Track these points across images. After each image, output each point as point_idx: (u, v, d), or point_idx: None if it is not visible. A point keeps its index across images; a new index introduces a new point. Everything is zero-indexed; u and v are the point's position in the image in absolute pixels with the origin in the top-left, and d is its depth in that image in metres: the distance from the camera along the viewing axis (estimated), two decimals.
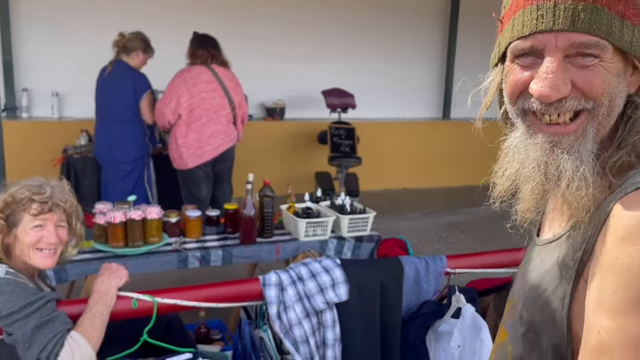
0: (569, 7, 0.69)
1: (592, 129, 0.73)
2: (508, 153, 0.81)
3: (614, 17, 0.69)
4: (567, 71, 0.71)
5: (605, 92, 0.71)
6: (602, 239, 0.70)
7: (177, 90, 3.61)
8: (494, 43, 0.87)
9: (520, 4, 0.74)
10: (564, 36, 0.69)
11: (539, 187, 0.76)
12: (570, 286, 0.74)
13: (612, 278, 0.67)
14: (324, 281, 1.76)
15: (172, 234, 2.50)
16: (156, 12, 5.87)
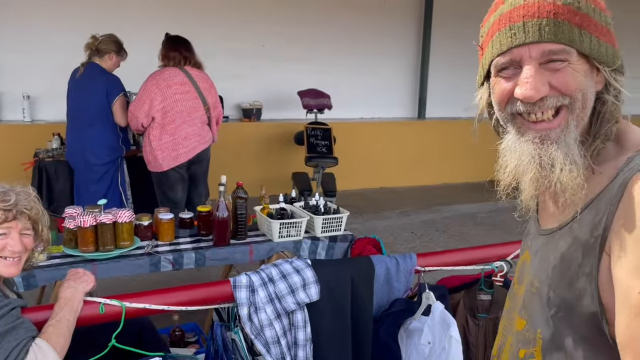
0: (535, 23, 0.84)
1: (573, 121, 0.87)
2: (505, 153, 0.94)
3: (573, 28, 0.84)
4: (543, 75, 0.85)
5: (577, 88, 0.85)
6: (622, 214, 0.81)
7: (150, 92, 3.58)
8: (466, 45, 1.06)
9: (495, 29, 0.90)
10: (536, 47, 0.85)
11: (536, 176, 0.88)
12: (596, 260, 0.85)
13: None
14: (294, 282, 1.77)
15: (144, 238, 2.48)
16: (129, 13, 5.82)
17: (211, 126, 3.90)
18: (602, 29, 0.87)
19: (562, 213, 0.94)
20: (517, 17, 0.86)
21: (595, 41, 0.86)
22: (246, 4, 6.35)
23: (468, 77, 6.17)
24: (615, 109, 0.89)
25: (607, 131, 0.88)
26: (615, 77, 0.88)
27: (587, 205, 0.88)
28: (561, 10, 0.84)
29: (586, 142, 0.89)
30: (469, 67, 7.75)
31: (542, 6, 0.84)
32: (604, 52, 0.87)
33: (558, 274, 0.91)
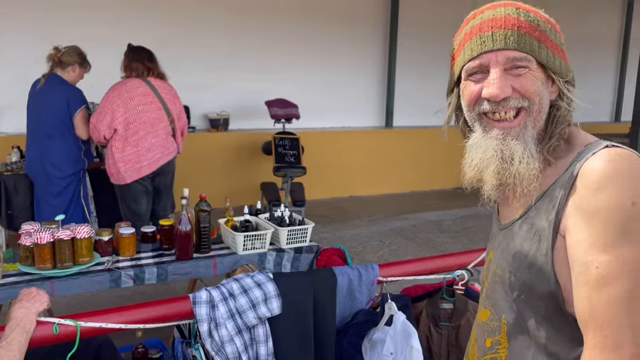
0: (502, 33, 0.98)
1: (531, 122, 0.99)
2: (471, 149, 1.05)
3: (533, 40, 0.98)
4: (507, 79, 0.98)
5: (535, 92, 0.98)
6: (574, 197, 0.92)
7: (112, 104, 3.53)
8: (432, 55, 1.18)
9: (467, 39, 1.03)
10: (502, 53, 0.98)
11: (498, 168, 0.99)
12: (550, 242, 0.95)
13: (596, 221, 0.86)
14: (255, 296, 1.76)
15: (105, 253, 2.43)
16: (92, 23, 5.73)
17: (176, 137, 3.86)
18: (556, 46, 1.01)
19: (520, 206, 1.05)
20: (486, 28, 0.99)
21: (551, 54, 0.99)
22: (211, 14, 6.33)
23: (433, 87, 6.36)
24: (568, 114, 1.01)
25: (561, 131, 1.00)
26: (567, 87, 1.01)
27: (542, 195, 0.99)
28: (524, 24, 0.98)
29: (543, 140, 1.01)
30: (435, 77, 7.96)
31: (507, 20, 0.98)
32: (558, 64, 1.00)
33: (518, 259, 1.01)
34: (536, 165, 0.97)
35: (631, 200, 0.84)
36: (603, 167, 0.89)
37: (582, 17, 8.93)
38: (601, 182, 0.88)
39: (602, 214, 0.86)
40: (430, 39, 7.71)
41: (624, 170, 0.87)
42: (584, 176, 0.91)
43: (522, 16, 0.99)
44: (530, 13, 1.00)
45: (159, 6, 6.03)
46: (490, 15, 1.00)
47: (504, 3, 1.02)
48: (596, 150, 0.93)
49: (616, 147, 0.92)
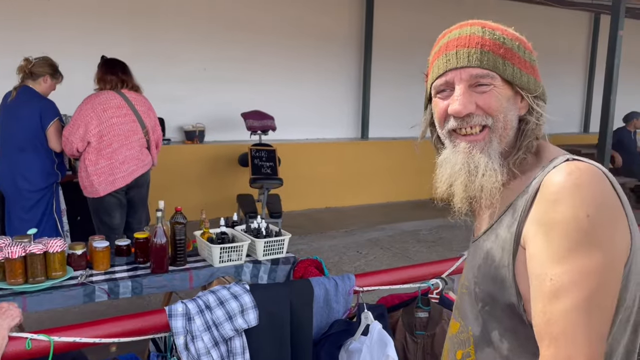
0: (465, 51, 1.01)
1: (496, 138, 1.01)
2: (442, 164, 1.08)
3: (497, 58, 1.00)
4: (472, 96, 1.00)
5: (499, 110, 1.00)
6: (534, 209, 0.93)
7: (85, 116, 3.49)
8: (406, 68, 1.24)
9: (435, 57, 1.07)
10: (465, 71, 1.00)
11: (465, 181, 1.02)
12: (512, 253, 0.96)
13: (552, 234, 0.88)
14: (232, 308, 1.76)
15: (78, 267, 2.40)
16: (65, 33, 5.67)
17: (150, 150, 3.84)
18: (524, 62, 1.02)
19: (488, 218, 1.08)
20: (452, 46, 1.02)
21: (517, 71, 1.01)
22: (186, 26, 6.33)
23: (408, 99, 6.46)
24: (536, 128, 1.03)
25: (528, 144, 1.02)
26: (537, 102, 1.03)
27: (507, 208, 1.02)
28: (488, 42, 1.00)
29: (510, 154, 1.03)
30: (409, 89, 8.03)
31: (472, 39, 1.01)
32: (525, 80, 1.01)
33: (482, 271, 1.03)
34: (499, 178, 0.99)
35: (586, 212, 0.86)
36: (562, 180, 0.90)
37: (552, 32, 9.19)
38: (559, 195, 0.89)
39: (558, 226, 0.87)
40: (404, 52, 7.84)
41: (581, 183, 0.88)
42: (544, 189, 0.93)
43: (487, 35, 1.01)
44: (496, 31, 1.02)
45: (133, 18, 6.00)
46: (456, 35, 1.03)
47: (472, 22, 1.05)
48: (557, 163, 0.95)
49: (577, 161, 0.94)
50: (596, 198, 0.87)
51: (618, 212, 0.89)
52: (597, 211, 0.86)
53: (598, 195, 0.88)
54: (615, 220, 0.88)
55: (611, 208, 0.89)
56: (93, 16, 5.81)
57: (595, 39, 10.09)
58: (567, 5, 8.43)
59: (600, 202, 0.87)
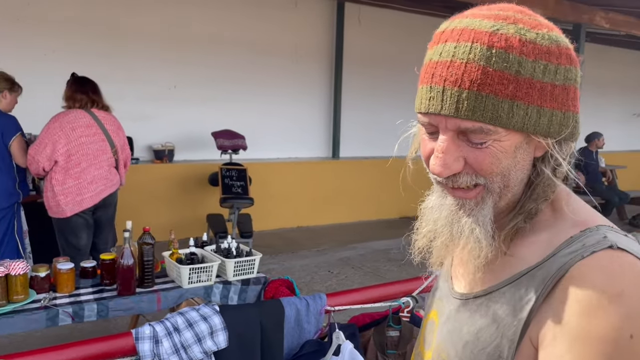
0: (454, 93, 0.72)
1: (491, 199, 0.77)
2: (426, 212, 0.86)
3: (501, 102, 0.71)
4: (461, 149, 0.75)
5: (494, 171, 0.75)
6: (560, 304, 0.71)
7: (53, 135, 3.42)
8: (376, 87, 0.92)
9: (422, 79, 0.78)
10: (452, 121, 0.73)
11: (446, 243, 0.81)
12: (515, 345, 0.75)
13: (583, 349, 0.68)
14: (201, 330, 1.72)
15: (41, 290, 2.33)
16: (29, 53, 5.57)
17: (119, 169, 3.78)
18: (551, 92, 0.73)
19: (482, 280, 0.83)
20: (439, 78, 0.74)
21: (533, 112, 0.73)
22: (156, 44, 6.29)
23: (379, 118, 6.54)
24: (550, 185, 0.79)
25: (531, 209, 0.79)
26: (557, 148, 0.77)
27: (515, 280, 0.78)
28: (489, 80, 0.71)
29: (509, 214, 0.81)
30: (380, 109, 8.14)
31: (467, 72, 0.71)
32: (545, 122, 0.74)
33: (470, 354, 0.82)
34: (483, 253, 0.78)
35: (629, 332, 0.67)
36: (602, 282, 0.69)
37: None
38: (596, 302, 0.69)
39: (592, 342, 0.68)
40: (375, 71, 7.96)
41: (625, 292, 0.68)
42: (576, 284, 0.71)
43: (493, 61, 0.71)
44: (510, 52, 0.71)
45: (101, 36, 5.94)
46: (449, 55, 0.74)
47: (475, 32, 0.73)
48: (597, 249, 0.72)
49: (622, 252, 0.72)
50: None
51: None
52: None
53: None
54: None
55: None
56: (60, 33, 5.73)
57: None
58: None
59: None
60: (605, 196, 7.83)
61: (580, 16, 5.71)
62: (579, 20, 5.76)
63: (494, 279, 0.81)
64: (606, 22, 5.94)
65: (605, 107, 11.05)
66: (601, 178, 8.19)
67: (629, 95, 11.69)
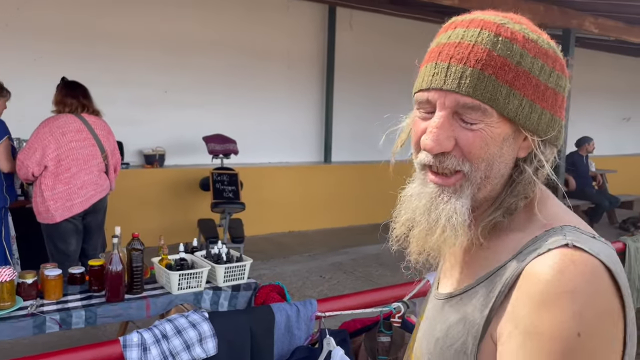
0: (458, 69, 0.76)
1: (469, 189, 0.79)
2: (405, 200, 0.86)
3: (500, 86, 0.75)
4: (453, 128, 0.77)
5: (481, 157, 0.77)
6: (515, 300, 0.73)
7: (43, 140, 3.39)
8: (368, 91, 0.92)
9: (427, 59, 0.82)
10: (451, 96, 0.76)
11: (423, 232, 0.82)
12: (477, 341, 0.77)
13: (533, 345, 0.69)
14: (190, 337, 1.71)
15: (28, 297, 2.29)
16: (17, 57, 5.52)
17: (109, 174, 3.75)
18: (544, 91, 0.78)
19: (459, 280, 0.87)
20: (446, 55, 0.77)
21: (527, 105, 0.76)
22: (146, 49, 6.27)
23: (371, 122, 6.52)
24: (530, 184, 0.80)
25: (511, 205, 0.81)
26: (542, 150, 0.80)
27: (485, 279, 0.81)
28: (493, 62, 0.75)
29: (488, 209, 0.82)
30: (372, 113, 8.16)
31: (474, 52, 0.76)
32: (535, 119, 0.77)
33: (439, 350, 0.84)
34: (458, 241, 0.79)
35: (577, 329, 0.68)
36: (552, 278, 0.70)
37: None
38: (546, 298, 0.70)
39: (541, 338, 0.69)
40: (366, 76, 7.98)
41: (575, 288, 0.69)
42: (529, 281, 0.72)
43: (498, 47, 0.75)
44: (515, 43, 0.76)
45: (92, 40, 5.91)
46: (458, 38, 0.78)
47: (484, 21, 0.78)
48: (552, 246, 0.73)
49: (576, 249, 0.72)
50: (591, 310, 0.69)
51: (616, 324, 0.71)
52: (590, 328, 0.68)
53: (594, 306, 0.69)
54: (610, 336, 0.70)
55: (608, 321, 0.70)
56: (50, 38, 5.69)
57: None
58: None
59: (596, 315, 0.69)
60: (595, 200, 7.88)
61: (569, 21, 5.75)
62: (568, 25, 5.80)
63: (470, 278, 0.83)
64: (595, 28, 5.99)
65: (595, 111, 11.14)
66: (591, 182, 8.24)
67: (618, 100, 11.79)
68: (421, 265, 0.90)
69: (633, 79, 11.82)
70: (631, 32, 6.36)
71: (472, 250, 0.83)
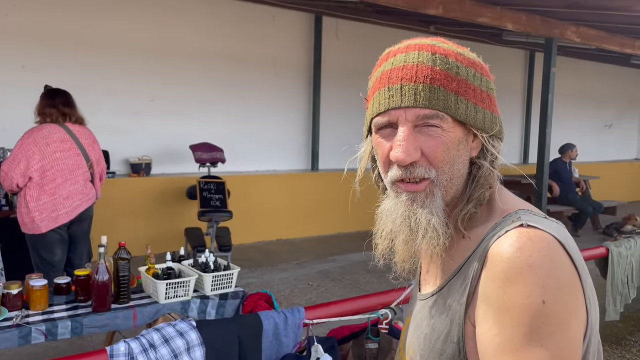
0: (411, 88, 0.85)
1: (439, 191, 0.87)
2: (382, 216, 0.93)
3: (449, 94, 0.85)
4: (417, 139, 0.86)
5: (445, 161, 0.86)
6: (484, 281, 0.81)
7: (27, 151, 3.36)
8: (354, 99, 1.04)
9: (377, 87, 0.91)
10: (411, 111, 0.85)
11: (406, 239, 0.88)
12: (462, 328, 0.84)
13: (505, 319, 0.76)
14: (177, 346, 1.70)
15: (13, 308, 2.27)
16: (6, 61, 5.48)
17: (94, 182, 3.73)
18: (481, 94, 0.89)
19: (437, 277, 0.94)
20: (395, 78, 0.87)
21: (472, 108, 0.87)
22: (132, 57, 6.26)
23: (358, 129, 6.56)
24: (490, 175, 0.90)
25: (480, 196, 0.89)
26: (492, 143, 0.90)
27: (457, 271, 0.88)
28: (438, 75, 0.85)
29: (457, 205, 0.90)
30: (359, 121, 8.16)
31: (420, 70, 0.85)
32: (480, 118, 0.88)
33: (428, 344, 0.90)
34: (441, 241, 0.86)
35: (541, 298, 0.75)
36: (512, 255, 0.78)
37: (492, 69, 9.63)
38: (509, 274, 0.77)
39: (510, 311, 0.76)
40: (353, 84, 8.02)
41: (534, 262, 0.76)
42: (492, 262, 0.80)
43: (437, 64, 0.86)
44: (449, 58, 0.87)
45: (77, 49, 5.88)
46: (401, 62, 0.88)
47: (419, 45, 0.89)
48: (509, 228, 0.82)
49: (530, 228, 0.81)
50: (552, 279, 0.76)
51: (576, 290, 0.78)
52: (553, 296, 0.75)
53: (554, 276, 0.76)
54: (572, 301, 0.77)
55: (568, 287, 0.77)
56: (35, 46, 5.66)
57: (531, 75, 10.66)
58: (504, 44, 8.89)
59: (556, 284, 0.76)
60: (579, 206, 7.98)
61: (551, 30, 5.85)
62: (550, 34, 5.90)
63: (447, 274, 0.91)
64: (577, 37, 6.10)
65: (577, 118, 11.31)
66: (575, 188, 8.35)
67: (600, 107, 11.99)
68: (407, 272, 0.95)
69: (614, 86, 12.04)
70: (612, 41, 6.48)
71: (430, 250, 0.88)
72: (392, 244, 0.91)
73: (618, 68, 11.46)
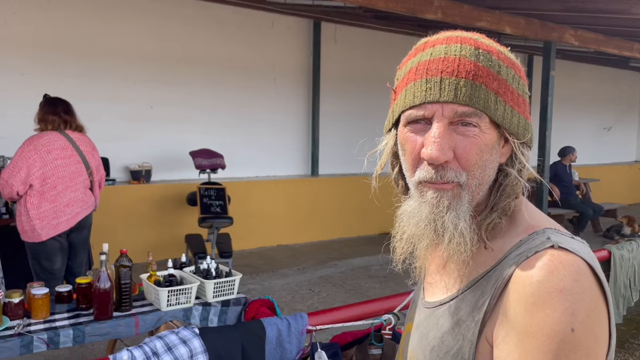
0: (452, 82, 0.79)
1: (467, 195, 0.82)
2: (403, 218, 0.87)
3: (490, 93, 0.80)
4: (451, 137, 0.80)
5: (477, 164, 0.81)
6: (507, 302, 0.76)
7: (28, 159, 3.36)
8: (353, 104, 0.93)
9: (412, 78, 0.84)
10: (449, 107, 0.79)
11: (432, 244, 0.83)
12: (474, 345, 0.79)
13: (529, 344, 0.72)
14: (181, 354, 1.69)
15: (15, 317, 2.26)
16: (6, 70, 5.49)
17: (94, 190, 3.72)
18: (518, 98, 0.84)
19: (449, 286, 0.89)
20: (435, 70, 0.81)
21: (509, 111, 0.82)
22: (132, 64, 6.27)
23: (357, 135, 6.59)
24: (517, 184, 0.85)
25: (505, 206, 0.84)
26: (522, 151, 0.85)
27: (473, 284, 0.83)
28: (481, 72, 0.80)
29: (481, 212, 0.85)
30: (358, 126, 8.22)
31: (462, 64, 0.80)
32: (515, 123, 0.83)
33: (436, 357, 0.86)
34: (467, 248, 0.81)
35: (571, 326, 0.71)
36: (542, 279, 0.74)
37: None
38: (539, 299, 0.73)
39: (537, 336, 0.72)
40: (352, 89, 8.04)
41: (566, 287, 0.73)
42: (520, 283, 0.76)
43: (480, 60, 0.81)
44: (492, 55, 0.82)
45: (77, 56, 5.89)
46: (441, 53, 0.82)
47: (461, 37, 0.84)
48: (539, 249, 0.77)
49: (562, 251, 0.76)
50: (582, 306, 0.72)
51: (603, 316, 0.75)
52: (582, 324, 0.72)
53: (584, 302, 0.73)
54: (599, 328, 0.74)
55: (597, 315, 0.74)
56: (33, 54, 5.67)
57: (529, 78, 10.67)
58: None
59: (586, 310, 0.73)
60: (579, 209, 7.97)
61: (550, 34, 5.87)
62: (549, 37, 5.92)
63: (459, 285, 0.86)
64: (575, 40, 6.12)
65: (577, 122, 11.32)
66: (575, 191, 8.35)
67: (599, 110, 12.01)
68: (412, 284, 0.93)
69: (613, 89, 12.06)
70: (610, 44, 6.50)
71: (455, 257, 0.83)
72: (412, 248, 0.87)
73: (617, 71, 11.50)
